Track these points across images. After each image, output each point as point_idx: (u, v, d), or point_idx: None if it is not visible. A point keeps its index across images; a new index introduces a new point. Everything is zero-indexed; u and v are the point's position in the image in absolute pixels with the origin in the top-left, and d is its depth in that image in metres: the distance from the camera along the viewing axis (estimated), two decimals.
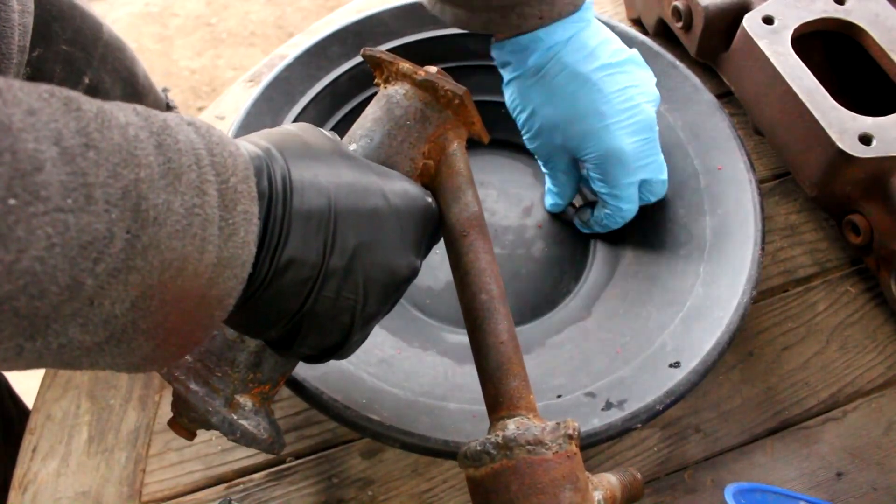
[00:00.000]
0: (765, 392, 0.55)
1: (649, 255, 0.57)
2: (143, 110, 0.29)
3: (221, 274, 0.30)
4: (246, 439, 0.38)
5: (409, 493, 0.52)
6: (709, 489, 0.52)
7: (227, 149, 0.31)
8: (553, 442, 0.35)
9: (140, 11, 1.97)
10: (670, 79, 0.60)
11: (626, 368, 0.50)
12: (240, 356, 0.39)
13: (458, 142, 0.43)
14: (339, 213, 0.34)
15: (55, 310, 0.25)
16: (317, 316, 0.35)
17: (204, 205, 0.29)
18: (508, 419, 0.37)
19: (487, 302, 0.39)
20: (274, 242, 0.33)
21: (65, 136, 0.24)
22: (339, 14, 0.74)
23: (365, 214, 0.35)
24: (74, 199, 0.24)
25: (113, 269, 0.26)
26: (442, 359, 0.54)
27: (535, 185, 0.64)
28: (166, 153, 0.28)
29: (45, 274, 0.24)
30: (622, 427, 0.46)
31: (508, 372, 0.38)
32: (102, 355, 0.28)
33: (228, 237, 0.30)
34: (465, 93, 0.41)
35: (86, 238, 0.24)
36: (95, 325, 0.27)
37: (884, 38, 0.58)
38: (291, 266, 0.33)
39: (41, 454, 0.53)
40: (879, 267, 0.57)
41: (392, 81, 0.42)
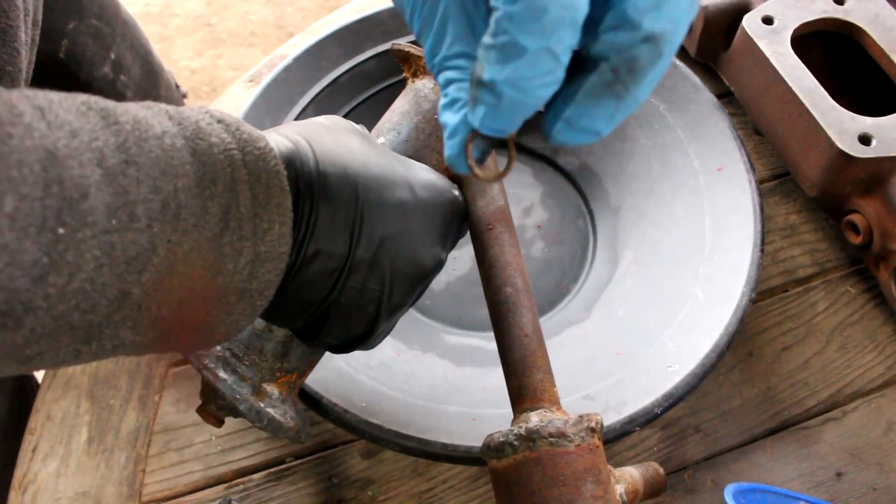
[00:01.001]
0: (765, 392, 0.55)
1: (649, 256, 0.57)
2: (176, 113, 0.29)
3: (260, 267, 0.31)
4: (272, 427, 0.39)
5: (408, 493, 0.52)
6: (709, 489, 0.52)
7: (257, 145, 0.31)
8: (576, 435, 0.35)
9: (140, 11, 1.97)
10: (670, 78, 0.60)
11: (625, 370, 0.50)
12: (268, 345, 0.39)
13: None
14: (366, 206, 0.35)
15: (107, 318, 0.26)
16: (342, 306, 0.36)
17: (239, 205, 0.29)
18: (532, 411, 0.38)
19: (512, 295, 0.40)
20: (301, 233, 0.33)
21: (106, 156, 0.25)
22: (339, 14, 0.74)
23: (391, 207, 0.36)
24: (118, 219, 0.25)
25: (157, 277, 0.27)
26: (442, 361, 0.54)
27: (535, 184, 0.64)
28: (201, 158, 0.28)
29: (95, 291, 0.25)
30: (621, 430, 0.46)
31: (532, 364, 0.39)
32: (154, 347, 0.30)
33: (265, 232, 0.30)
34: None
35: (131, 254, 0.25)
36: (144, 327, 0.28)
37: (883, 38, 0.58)
38: (318, 256, 0.34)
39: (41, 454, 0.53)
40: (879, 267, 0.57)
41: (420, 76, 0.42)
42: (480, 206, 0.41)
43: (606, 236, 0.61)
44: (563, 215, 0.63)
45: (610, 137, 0.62)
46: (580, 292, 0.59)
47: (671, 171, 0.58)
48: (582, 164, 0.64)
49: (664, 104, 0.60)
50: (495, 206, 0.41)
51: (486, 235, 0.41)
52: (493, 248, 0.41)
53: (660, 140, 0.59)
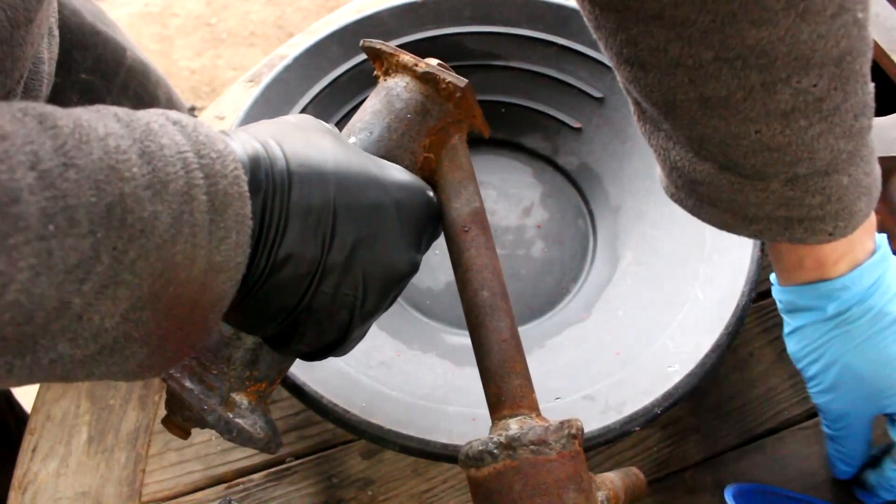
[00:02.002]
0: (765, 392, 0.55)
1: (649, 256, 0.57)
2: (125, 115, 0.28)
3: (215, 278, 0.29)
4: (242, 438, 0.38)
5: (408, 493, 0.52)
6: (709, 489, 0.52)
7: (215, 148, 0.30)
8: (557, 442, 0.35)
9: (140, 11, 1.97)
10: None
11: (625, 370, 0.50)
12: (236, 353, 0.38)
13: (458, 135, 0.42)
14: (339, 208, 0.34)
15: (42, 329, 0.24)
16: (315, 312, 0.35)
17: (193, 210, 0.28)
18: (511, 418, 0.37)
19: (489, 299, 0.39)
20: (272, 237, 0.32)
21: (42, 158, 0.23)
22: (339, 14, 0.74)
23: (365, 209, 0.35)
24: (56, 224, 0.23)
25: (100, 286, 0.25)
26: (442, 361, 0.54)
27: (535, 184, 0.64)
28: (151, 161, 0.27)
29: (31, 303, 0.23)
30: (620, 431, 0.46)
31: (511, 370, 0.38)
32: (96, 366, 0.28)
33: (220, 241, 0.29)
34: (466, 85, 0.40)
35: (71, 262, 0.24)
36: (85, 339, 0.26)
37: (884, 37, 0.58)
38: (289, 261, 0.33)
39: (41, 454, 0.53)
40: None
41: (392, 74, 0.42)
42: (455, 208, 0.40)
43: (606, 236, 0.61)
44: (563, 215, 0.63)
45: (610, 137, 0.62)
46: (580, 292, 0.59)
47: None
48: (582, 164, 0.64)
49: None
50: (471, 208, 0.40)
51: (461, 238, 0.40)
52: (468, 250, 0.40)
53: None
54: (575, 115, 0.63)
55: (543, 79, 0.63)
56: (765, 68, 0.34)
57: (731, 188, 0.40)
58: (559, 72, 0.63)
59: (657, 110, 0.39)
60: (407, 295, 0.59)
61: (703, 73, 0.35)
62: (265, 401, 0.40)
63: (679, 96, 0.37)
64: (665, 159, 0.43)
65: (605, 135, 0.62)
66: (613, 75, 0.61)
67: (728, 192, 0.40)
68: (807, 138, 0.37)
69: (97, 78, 0.61)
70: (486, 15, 0.62)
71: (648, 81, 0.38)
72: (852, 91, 0.36)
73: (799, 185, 0.39)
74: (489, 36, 0.63)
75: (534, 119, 0.64)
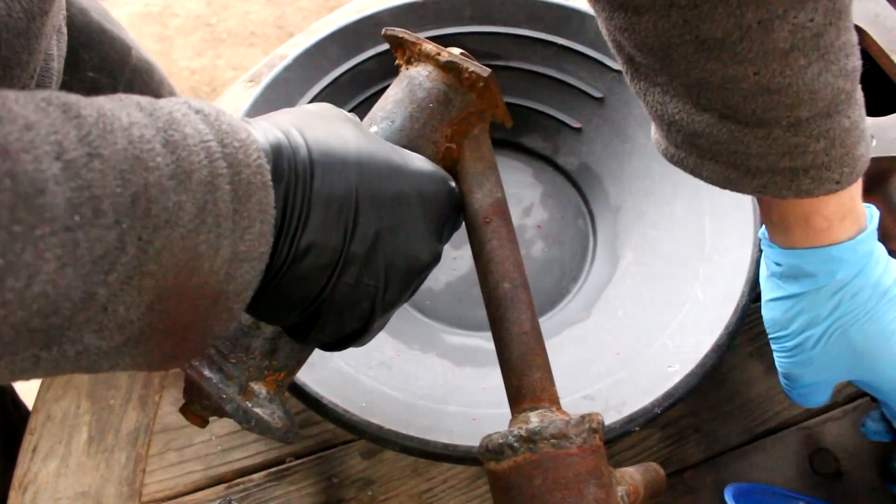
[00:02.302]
0: (765, 392, 0.55)
1: (649, 256, 0.57)
2: (148, 103, 0.28)
3: (238, 268, 0.29)
4: (260, 427, 0.37)
5: (408, 493, 0.52)
6: (709, 489, 0.52)
7: (238, 137, 0.30)
8: (577, 436, 0.34)
9: (140, 11, 1.97)
10: None
11: (625, 370, 0.50)
12: (255, 342, 0.38)
13: (481, 126, 0.42)
14: (362, 197, 0.34)
15: (69, 320, 0.24)
16: (336, 302, 0.34)
17: (217, 200, 0.28)
18: (531, 412, 0.36)
19: (510, 291, 0.38)
20: (293, 227, 0.32)
21: (67, 149, 0.23)
22: (339, 14, 0.74)
23: (388, 199, 0.35)
24: (82, 215, 0.23)
25: (126, 277, 0.25)
26: (441, 361, 0.54)
27: (535, 184, 0.64)
28: (175, 151, 0.27)
29: (57, 294, 0.23)
30: (620, 430, 0.46)
31: (531, 363, 0.37)
32: (122, 357, 0.28)
33: (244, 231, 0.29)
34: (490, 75, 0.40)
35: (97, 252, 0.24)
36: (111, 330, 0.26)
37: (884, 38, 0.58)
38: (311, 251, 0.32)
39: (41, 454, 0.53)
40: None
41: (414, 62, 0.41)
42: (477, 198, 0.40)
43: (606, 236, 0.61)
44: (563, 215, 0.63)
45: (610, 137, 0.62)
46: (580, 292, 0.59)
47: (671, 170, 0.58)
48: (582, 164, 0.64)
49: None
50: (493, 199, 0.40)
51: (483, 228, 0.40)
52: (490, 241, 0.39)
53: None
54: (575, 115, 0.63)
55: (543, 79, 0.63)
56: (761, 4, 0.33)
57: (732, 138, 0.38)
58: (559, 72, 0.63)
59: (653, 58, 0.38)
60: None
61: (699, 14, 0.34)
62: (283, 390, 0.40)
63: (674, 40, 0.36)
64: (662, 116, 0.41)
65: (605, 135, 0.62)
66: (613, 75, 0.61)
67: (730, 143, 0.39)
68: (807, 78, 0.36)
69: (104, 76, 0.61)
70: (486, 15, 0.62)
71: (643, 27, 0.37)
72: (844, 27, 0.35)
73: (802, 130, 0.37)
74: (489, 36, 0.63)
75: (534, 119, 0.64)
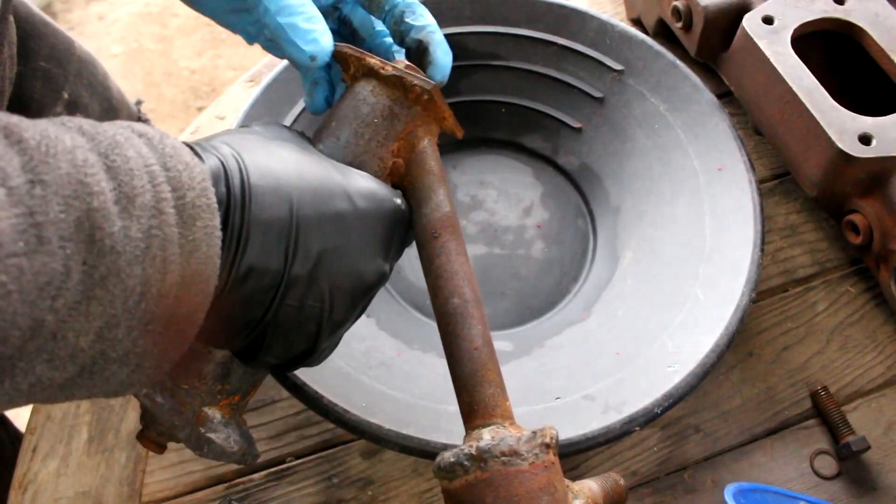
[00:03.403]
0: (765, 392, 0.55)
1: (649, 255, 0.57)
2: (90, 127, 0.27)
3: (187, 291, 0.29)
4: (214, 453, 0.37)
5: (408, 493, 0.52)
6: (709, 489, 0.52)
7: (182, 160, 0.29)
8: (529, 452, 0.34)
9: (140, 11, 1.97)
10: (670, 78, 0.60)
11: (625, 370, 0.50)
12: (206, 367, 0.37)
13: (428, 138, 0.41)
14: (302, 219, 0.33)
15: (19, 350, 0.24)
16: (281, 325, 0.34)
17: (162, 224, 0.27)
18: (483, 428, 0.36)
19: (460, 306, 0.38)
20: (233, 251, 0.32)
21: (10, 175, 0.23)
22: None
23: (329, 219, 0.34)
24: (26, 242, 0.23)
25: (73, 303, 0.25)
26: (442, 360, 0.53)
27: (535, 184, 0.64)
28: (117, 176, 0.26)
29: (4, 321, 0.23)
30: (620, 430, 0.46)
31: (483, 379, 0.37)
32: (77, 388, 0.28)
33: (191, 254, 0.29)
34: (433, 88, 0.40)
35: (43, 279, 0.24)
36: (62, 359, 0.26)
37: (884, 38, 0.58)
38: (252, 275, 0.32)
39: (41, 454, 0.53)
40: (879, 267, 0.57)
41: (359, 77, 0.41)
42: (425, 214, 0.40)
43: (606, 236, 0.61)
44: (563, 215, 0.63)
45: (610, 137, 0.62)
46: (580, 292, 0.59)
47: (671, 170, 0.58)
48: (582, 164, 0.64)
49: (664, 104, 0.60)
50: (441, 213, 0.40)
51: (431, 244, 0.39)
52: (438, 257, 0.39)
53: (660, 140, 0.59)
54: (575, 115, 0.63)
55: (543, 79, 0.63)
56: None
57: None
58: (559, 72, 0.63)
59: None
60: (407, 295, 0.59)
61: None
62: (240, 413, 0.40)
63: None
64: None
65: (605, 135, 0.62)
66: (613, 75, 0.61)
67: None
68: None
69: (53, 65, 0.62)
70: (486, 15, 0.62)
71: None
72: None
73: None
74: (489, 36, 0.63)
75: (534, 119, 0.64)
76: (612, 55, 0.61)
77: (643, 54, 0.60)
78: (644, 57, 0.60)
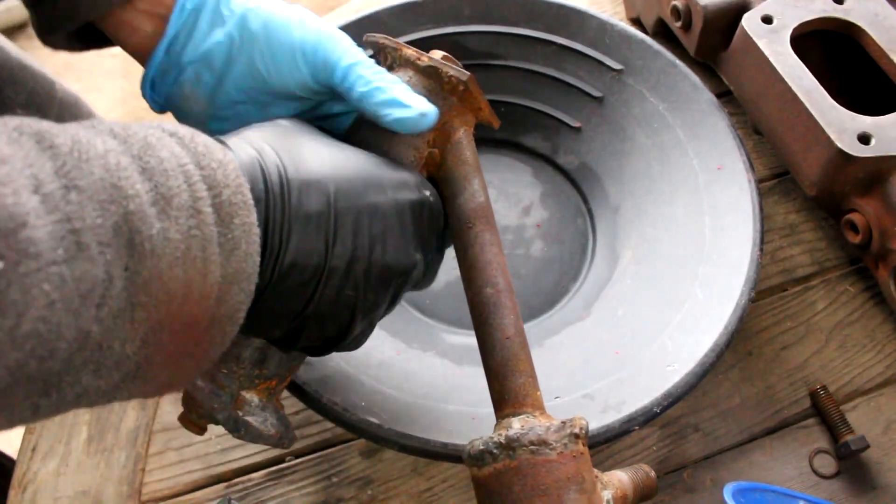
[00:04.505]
0: (764, 391, 0.55)
1: (648, 255, 0.57)
2: (122, 129, 0.27)
3: (228, 290, 0.29)
4: (251, 436, 0.38)
5: (408, 492, 0.52)
6: (708, 488, 0.52)
7: (215, 157, 0.29)
8: (558, 442, 0.34)
9: None
10: (670, 78, 0.60)
11: (625, 370, 0.50)
12: (245, 352, 0.38)
13: (464, 129, 0.42)
14: (339, 212, 0.34)
15: (66, 363, 0.24)
16: (319, 314, 0.35)
17: (200, 224, 0.27)
18: (513, 417, 0.37)
19: (493, 296, 0.38)
20: (276, 248, 0.32)
21: (43, 182, 0.22)
22: (339, 14, 0.74)
23: (364, 211, 0.35)
24: (66, 249, 0.22)
25: (117, 311, 0.24)
26: (441, 360, 0.54)
27: (535, 184, 0.64)
28: (153, 177, 0.26)
29: (50, 333, 0.22)
30: (620, 430, 0.46)
31: (514, 368, 0.37)
32: (120, 392, 0.27)
33: (230, 252, 0.29)
34: (469, 78, 0.40)
35: (85, 287, 0.23)
36: (108, 368, 0.25)
37: (883, 37, 0.58)
38: (294, 269, 0.33)
39: (41, 453, 0.53)
40: (878, 266, 0.57)
41: (395, 68, 0.41)
42: (460, 203, 0.40)
43: (606, 236, 0.61)
44: (562, 215, 0.63)
45: (609, 137, 0.62)
46: (580, 291, 0.59)
47: (671, 170, 0.58)
48: (582, 163, 0.64)
49: (664, 104, 0.60)
50: (475, 203, 0.40)
51: (465, 234, 0.40)
52: (472, 247, 0.39)
53: (659, 139, 0.59)
54: (574, 114, 0.63)
55: (543, 78, 0.63)
56: None
57: None
58: (559, 71, 0.63)
59: None
60: (407, 294, 0.59)
61: None
62: (277, 397, 0.40)
63: None
64: None
65: (604, 134, 0.62)
66: (613, 75, 0.61)
67: None
68: None
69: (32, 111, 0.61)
70: (485, 14, 0.62)
71: None
72: None
73: None
74: (489, 35, 0.63)
75: (533, 119, 0.64)
76: (612, 55, 0.61)
77: (642, 54, 0.60)
78: (643, 56, 0.60)
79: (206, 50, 0.40)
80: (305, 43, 0.39)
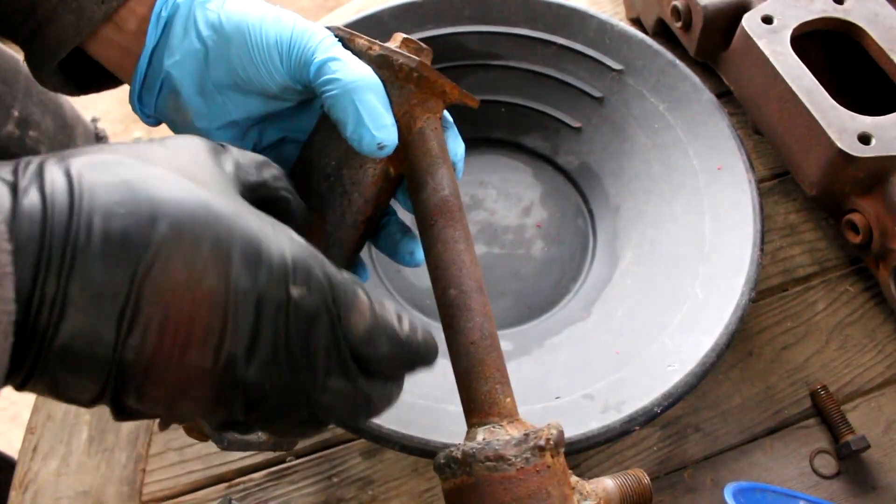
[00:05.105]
0: (764, 391, 0.55)
1: (648, 255, 0.57)
2: None
3: None
4: (237, 446, 0.37)
5: (409, 492, 0.52)
6: (708, 488, 0.52)
7: None
8: (518, 457, 0.32)
9: None
10: (670, 78, 0.60)
11: (625, 370, 0.50)
12: None
13: (427, 117, 0.38)
14: (146, 286, 0.25)
15: None
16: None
17: None
18: (479, 427, 0.34)
19: (456, 298, 0.35)
20: (43, 326, 0.24)
21: None
22: (339, 14, 0.74)
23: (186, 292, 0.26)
24: None
25: None
26: (442, 360, 0.54)
27: (535, 184, 0.64)
28: None
29: None
30: (620, 430, 0.46)
31: (480, 375, 0.35)
32: None
33: None
34: (419, 64, 0.37)
35: None
36: None
37: (883, 37, 0.58)
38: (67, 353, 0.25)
39: (41, 454, 0.53)
40: (879, 266, 0.57)
41: None
42: (422, 199, 0.37)
43: (606, 236, 0.61)
44: (562, 215, 0.63)
45: (609, 137, 0.62)
46: (580, 292, 0.59)
47: (671, 170, 0.58)
48: (582, 163, 0.64)
49: (664, 104, 0.60)
50: (437, 198, 0.37)
51: (428, 233, 0.37)
52: (434, 246, 0.36)
53: (659, 139, 0.59)
54: (575, 114, 0.63)
55: (543, 78, 0.63)
56: None
57: None
58: (559, 71, 0.63)
59: None
60: (407, 295, 0.59)
61: None
62: None
63: None
64: None
65: (604, 134, 0.62)
66: (613, 75, 0.61)
67: None
68: None
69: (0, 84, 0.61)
70: (486, 14, 0.62)
71: None
72: None
73: None
74: (489, 35, 0.63)
75: (534, 119, 0.64)
76: (612, 55, 0.61)
77: (643, 54, 0.60)
78: (643, 56, 0.60)
79: (181, 58, 0.39)
80: (281, 42, 0.37)
